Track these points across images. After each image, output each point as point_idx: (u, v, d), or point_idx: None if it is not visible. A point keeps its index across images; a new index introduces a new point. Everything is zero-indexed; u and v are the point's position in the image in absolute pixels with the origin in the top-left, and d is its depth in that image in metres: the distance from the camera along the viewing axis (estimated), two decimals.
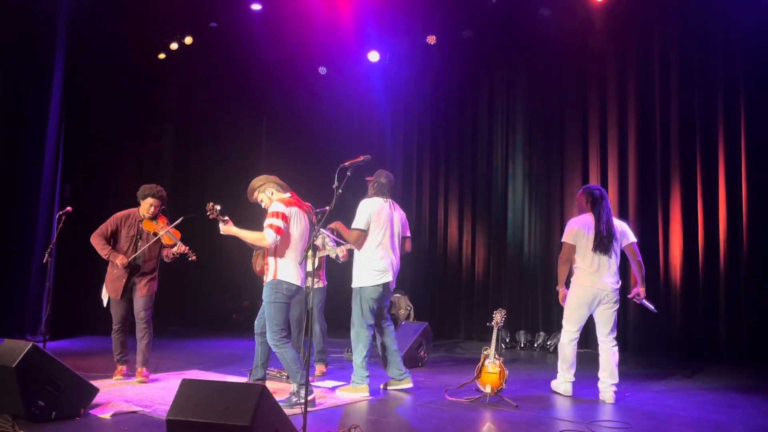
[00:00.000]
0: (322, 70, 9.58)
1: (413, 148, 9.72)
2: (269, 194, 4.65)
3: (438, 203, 9.41)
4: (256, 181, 4.71)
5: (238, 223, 4.62)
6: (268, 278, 4.49)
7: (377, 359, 6.62)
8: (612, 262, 4.94)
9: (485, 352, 4.83)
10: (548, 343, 7.79)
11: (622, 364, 6.71)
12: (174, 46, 9.30)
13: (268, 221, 4.41)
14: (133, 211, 5.31)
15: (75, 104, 8.36)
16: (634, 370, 6.36)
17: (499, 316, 5.01)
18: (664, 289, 7.29)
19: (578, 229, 4.97)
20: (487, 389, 4.67)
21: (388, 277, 5.02)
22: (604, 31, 7.81)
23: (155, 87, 9.95)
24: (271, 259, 4.48)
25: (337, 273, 6.53)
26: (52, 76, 7.94)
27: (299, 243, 4.52)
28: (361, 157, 4.42)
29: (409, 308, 8.51)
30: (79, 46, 8.27)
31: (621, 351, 7.37)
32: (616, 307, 4.99)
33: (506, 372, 4.77)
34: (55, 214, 7.60)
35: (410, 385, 5.07)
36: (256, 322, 4.74)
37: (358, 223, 4.98)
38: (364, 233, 4.97)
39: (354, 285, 5.02)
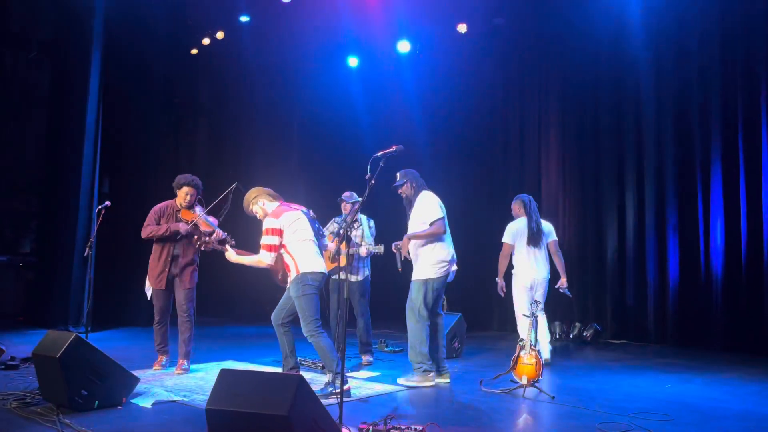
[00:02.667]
0: (352, 61, 9.59)
1: (443, 138, 9.66)
2: (261, 204, 4.71)
3: (468, 194, 9.32)
4: (249, 195, 4.76)
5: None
6: (291, 275, 4.55)
7: (400, 351, 6.61)
8: (541, 255, 5.89)
9: (521, 343, 4.78)
10: (585, 333, 7.69)
11: (662, 357, 6.61)
12: (206, 41, 9.40)
13: (262, 240, 4.53)
14: (170, 202, 5.41)
15: (112, 100, 8.53)
16: (675, 363, 6.22)
17: (534, 307, 4.95)
18: (705, 280, 7.11)
19: (515, 230, 5.92)
20: (523, 380, 4.62)
21: (453, 266, 5.03)
22: (641, 14, 7.59)
23: (189, 82, 10.10)
24: (288, 260, 4.55)
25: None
26: (89, 73, 8.12)
27: (308, 235, 4.59)
28: (394, 147, 4.38)
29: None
30: (115, 44, 8.43)
31: (661, 343, 7.32)
32: (546, 290, 5.93)
33: (542, 363, 4.71)
34: (94, 209, 7.77)
35: (449, 380, 5.06)
36: (273, 315, 4.75)
37: (434, 213, 4.93)
38: (443, 220, 4.95)
39: (420, 277, 4.94)
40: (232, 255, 4.70)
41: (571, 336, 7.82)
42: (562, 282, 5.93)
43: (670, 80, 7.51)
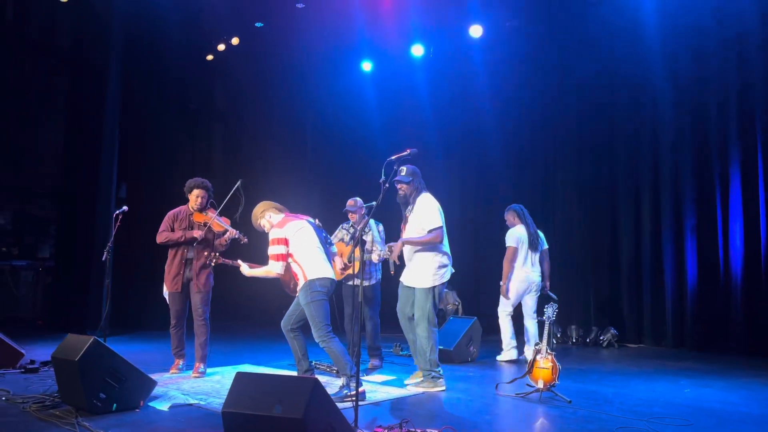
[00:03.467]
0: (366, 66, 9.61)
1: (457, 142, 9.65)
2: (268, 218, 4.80)
3: (481, 197, 9.30)
4: (256, 210, 4.85)
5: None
6: (300, 284, 4.60)
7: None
8: (537, 259, 6.44)
9: (537, 347, 4.75)
10: (601, 338, 7.62)
11: (680, 360, 6.54)
12: (221, 47, 9.48)
13: (269, 251, 4.61)
14: (183, 207, 5.50)
15: (129, 107, 8.65)
16: (693, 366, 6.15)
17: (550, 311, 4.92)
18: (724, 283, 7.02)
19: (518, 236, 6.40)
20: (540, 384, 4.59)
21: (451, 270, 5.03)
22: (657, 18, 7.52)
23: (204, 88, 10.19)
24: (296, 268, 4.61)
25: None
26: (108, 80, 8.23)
27: (314, 242, 4.65)
28: (408, 151, 4.39)
29: (457, 303, 8.46)
30: (132, 51, 8.55)
31: (678, 347, 7.24)
32: (539, 293, 6.45)
33: (559, 367, 4.68)
34: (111, 213, 7.85)
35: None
36: (282, 321, 4.78)
37: (436, 221, 4.84)
38: (442, 229, 4.91)
39: (425, 285, 4.87)
40: (245, 269, 4.78)
41: (587, 340, 7.76)
42: (547, 285, 6.50)
43: (687, 81, 7.42)
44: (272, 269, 4.59)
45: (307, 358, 4.78)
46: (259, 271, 4.72)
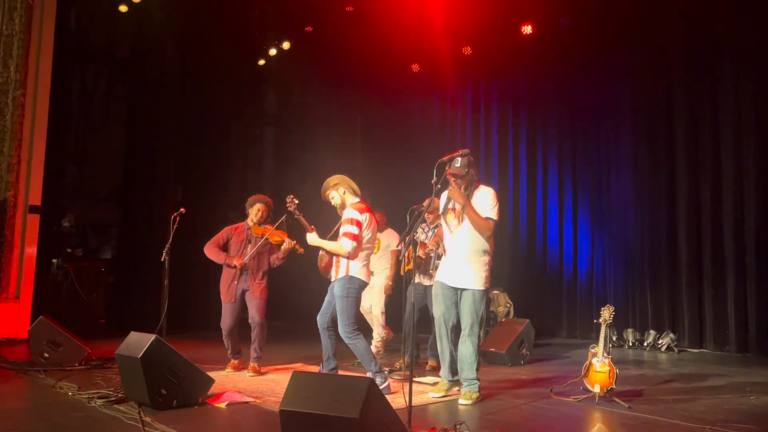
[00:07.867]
0: (415, 67, 9.61)
1: (509, 142, 9.53)
2: (341, 193, 4.84)
3: (537, 197, 9.15)
4: (332, 179, 4.89)
5: (329, 224, 4.80)
6: (339, 275, 4.65)
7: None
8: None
9: (593, 350, 4.65)
10: (659, 342, 7.39)
11: (744, 366, 6.27)
12: (273, 51, 9.65)
13: (343, 229, 4.63)
14: (242, 223, 5.68)
15: (185, 112, 8.89)
16: (758, 372, 5.89)
17: (607, 313, 4.79)
18: None
19: None
20: (596, 388, 4.48)
21: None
22: (709, 14, 7.25)
23: (256, 92, 10.39)
24: (342, 258, 4.65)
25: None
26: (164, 87, 8.50)
27: (371, 244, 4.76)
28: (459, 152, 4.36)
29: (508, 305, 8.36)
30: (187, 59, 8.81)
31: (743, 352, 6.93)
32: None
33: (616, 371, 4.56)
34: (169, 216, 8.09)
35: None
36: (319, 318, 4.83)
37: (494, 212, 4.44)
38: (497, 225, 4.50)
39: (483, 286, 4.52)
40: (313, 238, 4.77)
41: (644, 344, 7.53)
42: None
43: (744, 82, 7.14)
44: (344, 246, 4.58)
45: (335, 358, 4.86)
46: (329, 245, 4.73)
